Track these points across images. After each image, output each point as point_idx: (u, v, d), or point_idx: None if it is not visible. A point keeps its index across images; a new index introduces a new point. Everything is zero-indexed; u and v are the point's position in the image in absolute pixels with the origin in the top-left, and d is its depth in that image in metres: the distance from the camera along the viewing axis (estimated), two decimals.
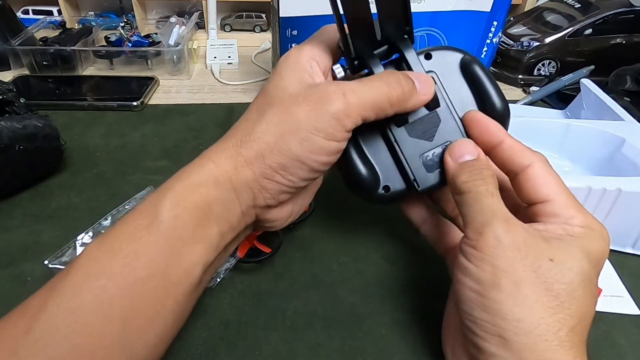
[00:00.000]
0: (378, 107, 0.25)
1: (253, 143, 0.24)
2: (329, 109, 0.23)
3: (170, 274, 0.22)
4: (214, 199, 0.23)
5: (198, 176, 0.23)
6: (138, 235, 0.22)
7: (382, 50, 0.28)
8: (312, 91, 0.24)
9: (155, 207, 0.22)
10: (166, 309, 0.22)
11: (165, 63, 0.66)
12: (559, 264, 0.22)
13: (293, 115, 0.24)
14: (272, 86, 0.26)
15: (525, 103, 0.59)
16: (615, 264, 0.35)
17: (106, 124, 0.52)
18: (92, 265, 0.21)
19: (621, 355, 0.29)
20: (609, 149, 0.41)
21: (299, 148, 0.23)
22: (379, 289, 0.33)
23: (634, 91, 0.53)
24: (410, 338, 0.29)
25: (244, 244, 0.32)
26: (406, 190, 0.28)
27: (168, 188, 0.23)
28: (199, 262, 0.23)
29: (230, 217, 0.24)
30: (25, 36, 0.64)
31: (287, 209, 0.27)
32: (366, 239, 0.37)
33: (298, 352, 0.28)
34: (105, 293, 0.20)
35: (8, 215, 0.38)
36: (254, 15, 0.84)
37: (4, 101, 0.40)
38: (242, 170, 0.24)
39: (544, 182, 0.25)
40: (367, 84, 0.25)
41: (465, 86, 0.28)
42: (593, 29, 0.63)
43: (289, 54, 0.27)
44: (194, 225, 0.22)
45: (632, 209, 0.34)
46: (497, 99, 0.27)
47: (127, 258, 0.21)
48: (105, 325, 0.20)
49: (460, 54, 0.28)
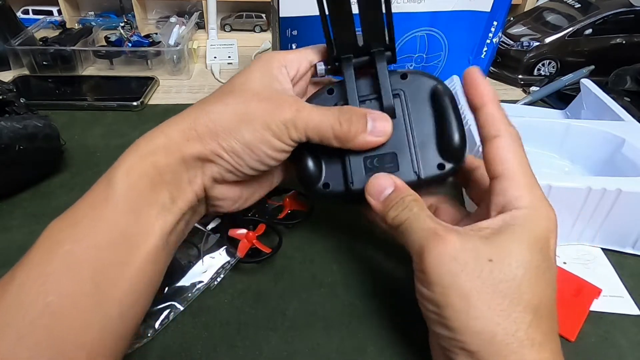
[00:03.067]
0: (322, 135, 0.27)
1: (209, 122, 0.26)
2: (280, 115, 0.26)
3: (130, 235, 0.23)
4: (163, 166, 0.25)
5: (147, 146, 0.25)
6: (96, 204, 0.24)
7: (363, 59, 0.29)
8: (273, 93, 0.27)
9: (109, 178, 0.24)
10: (132, 269, 0.23)
11: (165, 63, 0.66)
12: (498, 263, 0.22)
13: (251, 107, 0.26)
14: (237, 79, 0.28)
15: (525, 103, 0.59)
16: (615, 264, 0.35)
17: (106, 124, 0.52)
18: (57, 235, 0.23)
19: (621, 355, 0.29)
20: (609, 149, 0.41)
21: (250, 136, 0.26)
22: (379, 289, 0.33)
23: (634, 91, 0.53)
24: (410, 338, 0.29)
25: (244, 244, 0.32)
26: (344, 192, 0.29)
27: (122, 158, 0.25)
28: (156, 224, 0.24)
29: (180, 183, 0.26)
30: (25, 36, 0.64)
31: (234, 191, 0.29)
32: (366, 239, 0.37)
33: (298, 352, 0.28)
34: (72, 256, 0.22)
35: (8, 215, 0.38)
36: (254, 15, 0.84)
37: (4, 101, 0.40)
38: (193, 143, 0.25)
39: (503, 157, 0.24)
40: (320, 111, 0.27)
41: (429, 113, 0.28)
42: (593, 29, 0.63)
43: (263, 56, 0.29)
44: (146, 190, 0.24)
45: (632, 209, 0.34)
46: (456, 135, 0.27)
47: (89, 224, 0.23)
48: (76, 285, 0.22)
49: (434, 82, 0.29)
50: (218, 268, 0.33)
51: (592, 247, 0.37)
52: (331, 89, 0.30)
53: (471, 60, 0.57)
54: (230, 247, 0.33)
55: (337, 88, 0.30)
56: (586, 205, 0.34)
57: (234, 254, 0.32)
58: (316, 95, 0.30)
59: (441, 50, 0.53)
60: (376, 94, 0.29)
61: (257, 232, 0.33)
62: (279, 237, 0.34)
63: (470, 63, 0.57)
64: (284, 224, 0.36)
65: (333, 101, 0.29)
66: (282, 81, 0.28)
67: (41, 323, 0.20)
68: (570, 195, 0.34)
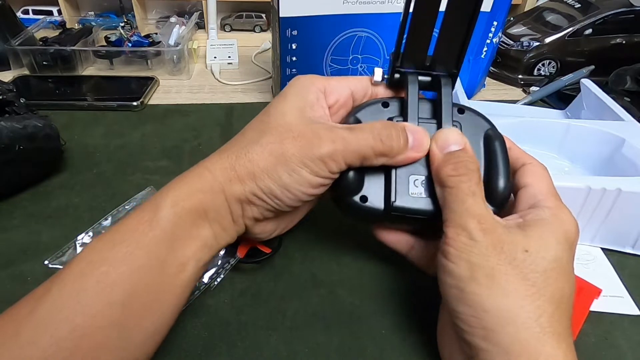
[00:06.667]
0: (363, 157, 0.26)
1: (247, 163, 0.25)
2: (318, 152, 0.25)
3: (167, 265, 0.23)
4: (208, 204, 0.25)
5: (196, 183, 0.25)
6: (140, 228, 0.23)
7: (425, 80, 0.28)
8: (306, 129, 0.26)
9: (156, 205, 0.24)
10: (162, 298, 0.23)
11: (165, 63, 0.66)
12: (533, 253, 0.22)
13: (285, 147, 0.25)
14: (273, 108, 0.28)
15: (525, 103, 0.59)
16: (615, 264, 0.35)
17: (106, 124, 0.52)
18: (96, 254, 0.23)
19: (621, 355, 0.29)
20: (609, 149, 0.41)
21: (287, 178, 0.25)
22: (379, 289, 0.33)
23: (634, 91, 0.53)
24: (410, 338, 0.29)
25: (244, 244, 0.32)
26: (382, 212, 0.27)
27: (169, 189, 0.25)
28: (193, 258, 0.25)
29: (223, 222, 0.26)
30: (25, 36, 0.64)
31: (272, 225, 0.29)
32: (366, 239, 0.37)
33: (298, 352, 0.28)
34: (107, 278, 0.22)
35: (8, 215, 0.38)
36: (254, 15, 0.84)
37: (4, 101, 0.40)
38: (234, 184, 0.25)
39: (534, 173, 0.27)
40: (357, 135, 0.26)
41: (480, 152, 0.28)
42: (593, 29, 0.63)
43: (300, 78, 0.29)
44: (190, 224, 0.24)
45: (632, 209, 0.34)
46: (503, 180, 0.27)
47: (129, 248, 0.23)
48: (106, 308, 0.21)
49: (489, 124, 0.29)
50: (218, 268, 0.33)
51: (592, 247, 0.37)
52: (386, 102, 0.29)
53: (471, 60, 0.57)
54: (230, 247, 0.33)
55: (392, 102, 0.29)
56: (586, 205, 0.34)
57: (234, 254, 0.32)
58: (367, 106, 0.29)
59: None
60: (433, 117, 0.28)
61: None
62: (279, 237, 0.34)
63: (470, 63, 0.57)
64: None
65: (387, 115, 0.28)
66: (316, 107, 0.28)
67: (66, 345, 0.20)
68: (570, 195, 0.33)
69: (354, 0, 0.49)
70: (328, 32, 0.51)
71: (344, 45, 0.52)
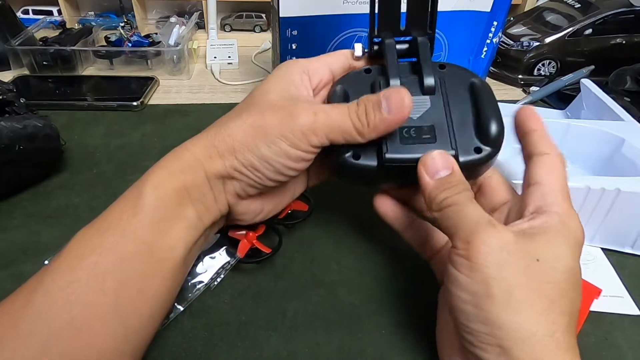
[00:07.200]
0: (345, 133, 0.26)
1: (227, 137, 0.26)
2: (297, 122, 0.25)
3: (155, 249, 0.24)
4: (190, 183, 0.25)
5: (176, 164, 0.26)
6: (124, 216, 0.24)
7: (403, 47, 0.29)
8: (289, 103, 0.26)
9: (138, 192, 0.25)
10: (155, 282, 0.24)
11: (165, 63, 0.66)
12: (544, 263, 0.22)
13: (266, 119, 0.26)
14: (257, 90, 0.28)
15: (525, 103, 0.59)
16: (615, 264, 0.35)
17: (106, 124, 0.52)
18: (84, 245, 0.23)
19: (621, 355, 0.29)
20: (609, 149, 0.41)
21: (266, 150, 0.25)
22: (379, 289, 0.33)
23: (634, 91, 0.53)
24: (410, 338, 0.29)
25: (244, 244, 0.32)
26: (376, 168, 0.27)
27: (150, 174, 0.25)
28: (180, 239, 0.25)
29: (205, 201, 0.26)
30: (25, 36, 0.64)
31: (256, 204, 0.29)
32: (366, 239, 0.37)
33: (298, 352, 0.28)
34: (98, 268, 0.22)
35: (8, 215, 0.38)
36: (254, 15, 0.84)
37: (4, 101, 0.40)
38: (214, 160, 0.26)
39: (550, 169, 0.25)
40: (338, 110, 0.26)
41: (468, 102, 0.28)
42: (593, 29, 0.63)
43: (284, 63, 0.29)
44: (173, 206, 0.25)
45: (631, 209, 0.34)
46: (495, 121, 0.27)
47: (116, 236, 0.23)
48: (100, 297, 0.22)
49: (473, 75, 0.29)
50: (218, 268, 0.33)
51: (592, 247, 0.37)
52: (368, 68, 0.29)
53: (471, 60, 0.57)
54: (230, 247, 0.33)
55: (374, 69, 0.29)
56: (585, 205, 0.34)
57: (234, 254, 0.32)
58: (351, 75, 0.29)
59: (441, 50, 0.53)
60: (416, 74, 0.28)
61: (257, 232, 0.33)
62: (279, 237, 0.34)
63: (470, 63, 0.57)
64: (284, 224, 0.36)
65: (370, 80, 0.29)
66: (300, 87, 0.28)
67: (65, 334, 0.21)
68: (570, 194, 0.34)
69: (354, 0, 0.49)
70: (328, 32, 0.51)
71: (344, 45, 0.52)
